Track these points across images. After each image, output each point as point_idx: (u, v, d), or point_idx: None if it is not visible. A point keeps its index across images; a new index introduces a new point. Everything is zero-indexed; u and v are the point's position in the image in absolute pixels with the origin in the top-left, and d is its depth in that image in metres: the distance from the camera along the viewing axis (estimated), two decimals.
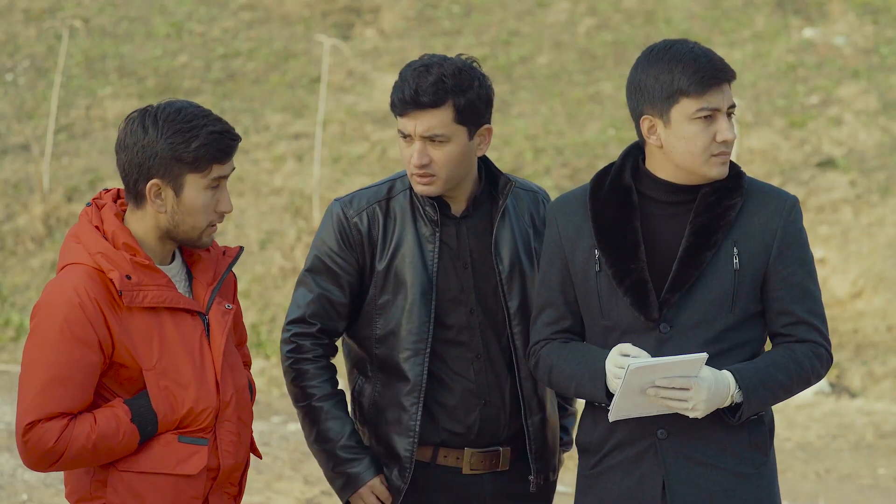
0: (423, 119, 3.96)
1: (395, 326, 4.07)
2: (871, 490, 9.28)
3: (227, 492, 3.73)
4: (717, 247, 3.72)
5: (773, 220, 3.75)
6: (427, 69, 3.96)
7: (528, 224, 4.17)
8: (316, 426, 4.11)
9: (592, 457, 3.86)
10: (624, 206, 3.80)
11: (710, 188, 3.76)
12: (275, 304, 12.56)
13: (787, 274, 3.74)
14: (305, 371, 4.11)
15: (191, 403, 3.61)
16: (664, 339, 3.72)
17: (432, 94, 3.94)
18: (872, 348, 12.31)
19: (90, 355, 3.53)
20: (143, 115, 3.63)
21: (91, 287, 3.55)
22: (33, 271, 13.05)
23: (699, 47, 3.74)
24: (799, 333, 3.76)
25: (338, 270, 4.09)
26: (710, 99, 3.69)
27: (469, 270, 4.10)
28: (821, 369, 3.77)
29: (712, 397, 3.62)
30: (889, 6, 16.50)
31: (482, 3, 16.92)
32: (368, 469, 4.08)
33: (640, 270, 3.74)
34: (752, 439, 3.76)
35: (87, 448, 3.52)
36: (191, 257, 3.78)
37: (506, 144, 14.41)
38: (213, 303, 3.72)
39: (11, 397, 10.50)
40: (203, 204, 3.63)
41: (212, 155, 3.60)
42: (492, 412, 4.11)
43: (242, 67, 15.81)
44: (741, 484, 3.75)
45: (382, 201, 4.11)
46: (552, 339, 3.90)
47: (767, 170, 13.96)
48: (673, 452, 3.73)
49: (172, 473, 3.59)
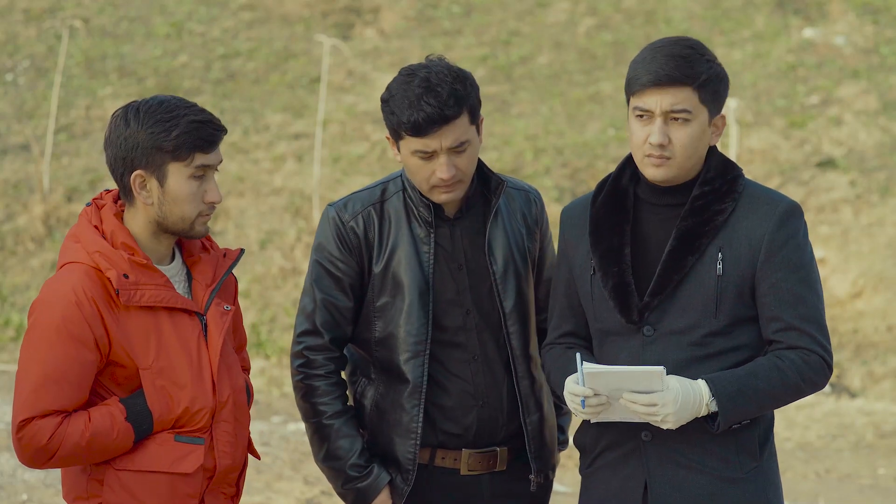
0: (449, 132, 3.92)
1: (393, 328, 4.07)
2: (871, 490, 9.28)
3: (224, 492, 3.74)
4: (702, 251, 3.70)
5: (761, 225, 3.71)
6: (429, 83, 3.91)
7: (520, 223, 4.17)
8: (326, 444, 4.10)
9: (588, 456, 3.89)
10: (617, 210, 3.81)
11: (700, 192, 3.74)
12: (275, 304, 12.56)
13: (775, 280, 3.70)
14: (316, 388, 4.10)
15: (187, 403, 3.62)
16: (648, 342, 3.73)
17: (454, 106, 3.90)
18: (872, 348, 12.32)
19: (86, 354, 3.54)
20: (126, 109, 3.65)
21: (89, 286, 3.56)
22: (33, 271, 13.05)
23: (668, 48, 3.69)
24: (789, 340, 3.70)
25: (340, 275, 4.09)
26: (644, 100, 3.68)
27: (464, 272, 4.10)
28: (814, 377, 3.70)
29: (681, 409, 3.60)
30: (889, 6, 16.50)
31: (482, 3, 16.92)
32: (376, 483, 4.09)
33: (623, 273, 3.75)
34: (739, 444, 3.72)
35: (80, 446, 3.53)
36: (191, 258, 3.78)
37: (506, 144, 14.41)
38: (212, 304, 3.72)
39: (11, 397, 10.50)
40: (188, 193, 3.63)
41: (192, 143, 3.60)
42: (489, 413, 4.11)
43: (242, 67, 15.81)
44: (726, 489, 3.71)
45: (377, 204, 4.10)
46: (556, 343, 3.96)
47: (767, 170, 13.96)
48: (657, 455, 3.73)
49: (168, 472, 3.60)
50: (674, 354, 3.70)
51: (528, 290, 4.15)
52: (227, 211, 13.67)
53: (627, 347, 3.74)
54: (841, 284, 12.82)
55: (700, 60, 3.68)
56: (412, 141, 3.94)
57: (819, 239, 13.11)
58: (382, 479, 4.08)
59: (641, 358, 3.72)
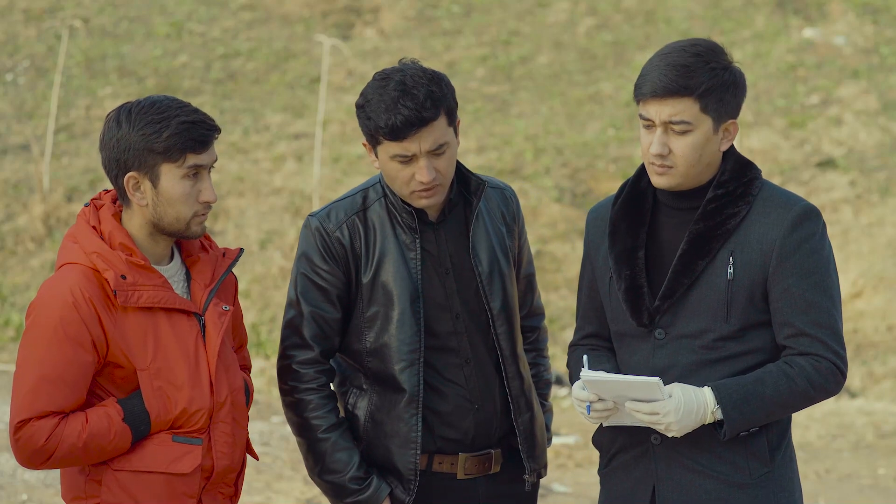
0: (428, 135, 3.88)
1: (386, 338, 4.02)
2: (871, 490, 9.27)
3: (222, 492, 3.73)
4: (713, 255, 3.68)
5: (773, 230, 3.67)
6: (405, 86, 3.87)
7: (500, 222, 4.14)
8: (322, 459, 4.04)
9: (605, 456, 3.89)
10: (635, 212, 3.80)
11: (713, 195, 3.72)
12: (275, 304, 12.56)
13: (787, 285, 3.66)
14: (309, 402, 4.04)
15: (184, 404, 3.61)
16: (659, 346, 3.72)
17: (431, 108, 3.87)
18: (872, 348, 12.32)
19: (83, 355, 3.54)
20: (119, 111, 3.64)
21: (86, 286, 3.55)
22: (33, 271, 13.05)
23: (673, 56, 3.66)
24: (800, 346, 3.66)
25: (327, 286, 4.02)
26: (646, 109, 3.66)
27: (451, 275, 4.06)
28: (825, 383, 3.66)
29: (683, 418, 3.59)
30: (889, 6, 16.50)
31: (482, 3, 16.92)
32: (377, 494, 4.05)
33: (636, 276, 3.74)
34: (749, 449, 3.70)
35: (77, 447, 3.52)
36: (190, 258, 3.77)
37: (506, 144, 14.41)
38: (210, 304, 3.71)
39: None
40: (182, 193, 3.62)
41: (183, 144, 3.59)
42: (485, 416, 4.09)
43: (242, 67, 15.81)
44: (735, 494, 3.69)
45: (360, 212, 4.05)
46: (580, 344, 3.96)
47: (767, 170, 13.97)
48: (666, 458, 3.72)
49: (166, 472, 3.59)
50: (684, 358, 3.68)
51: (512, 290, 4.13)
52: (227, 211, 13.67)
53: (640, 350, 3.73)
54: (841, 284, 12.83)
55: (703, 70, 3.63)
56: (390, 146, 3.90)
57: None
58: (383, 490, 4.04)
59: (652, 361, 3.71)
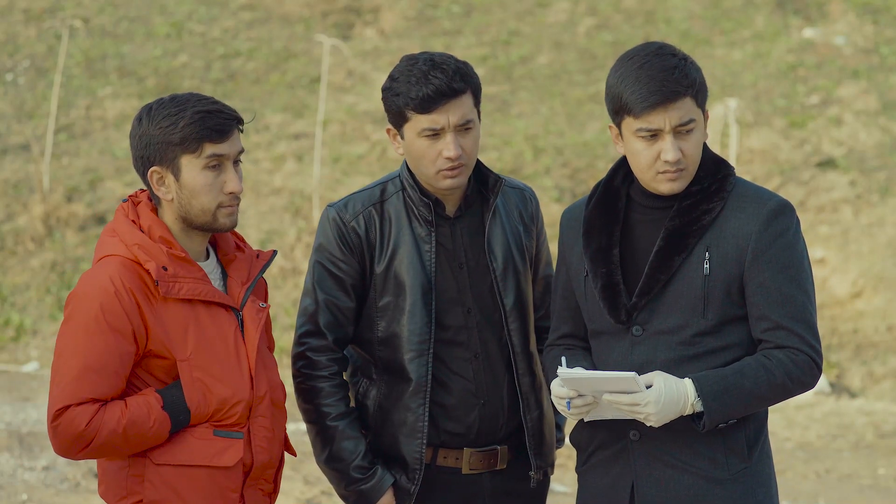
0: (456, 107, 3.94)
1: (397, 328, 4.07)
2: (871, 490, 9.28)
3: (262, 488, 3.74)
4: (689, 251, 3.69)
5: (748, 224, 3.69)
6: (434, 62, 3.95)
7: (517, 221, 4.18)
8: (329, 446, 4.09)
9: (583, 454, 3.90)
10: (608, 211, 3.82)
11: (688, 191, 3.72)
12: (275, 303, 12.56)
13: (763, 279, 3.68)
14: (320, 389, 4.08)
15: (224, 395, 3.62)
16: (637, 342, 3.73)
17: (460, 81, 3.94)
18: (872, 348, 12.32)
19: (124, 344, 3.55)
20: (142, 109, 3.68)
21: (127, 277, 3.57)
22: (33, 271, 13.05)
23: (654, 62, 3.64)
24: (777, 339, 3.68)
25: (342, 276, 4.08)
26: (650, 120, 3.63)
27: (465, 270, 4.11)
28: (802, 376, 3.68)
29: (664, 408, 3.60)
30: (889, 6, 16.50)
31: (482, 3, 16.92)
32: (380, 484, 4.08)
33: (611, 273, 3.75)
34: (727, 444, 3.71)
35: (117, 433, 3.52)
36: (226, 257, 3.80)
37: (506, 144, 14.42)
38: (248, 300, 3.74)
39: (11, 397, 10.50)
40: (204, 184, 3.64)
41: (199, 133, 3.60)
42: (491, 411, 4.12)
43: (242, 67, 15.81)
44: (713, 489, 3.70)
45: (377, 204, 4.11)
46: (556, 344, 3.97)
47: (767, 170, 13.97)
48: (644, 454, 3.74)
49: (209, 465, 3.60)
50: (662, 354, 3.70)
51: (527, 288, 4.17)
52: None
53: (617, 347, 3.75)
54: (841, 284, 12.83)
55: (686, 67, 3.66)
56: (419, 119, 3.95)
57: (819, 239, 13.11)
58: (386, 480, 4.08)
59: (630, 358, 3.72)
